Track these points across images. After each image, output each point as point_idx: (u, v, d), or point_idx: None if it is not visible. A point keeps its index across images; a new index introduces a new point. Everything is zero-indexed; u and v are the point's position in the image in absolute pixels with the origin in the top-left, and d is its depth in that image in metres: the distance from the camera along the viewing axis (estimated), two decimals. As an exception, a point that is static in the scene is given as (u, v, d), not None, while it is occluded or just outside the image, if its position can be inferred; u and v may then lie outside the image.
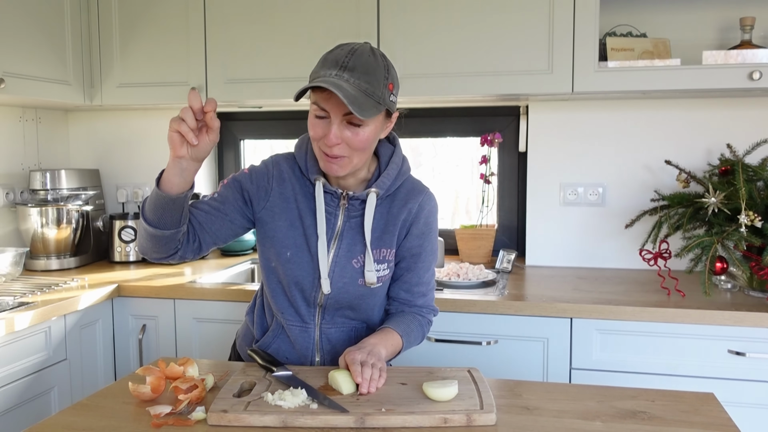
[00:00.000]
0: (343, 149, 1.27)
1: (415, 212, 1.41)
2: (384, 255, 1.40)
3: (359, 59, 1.24)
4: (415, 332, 1.44)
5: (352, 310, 1.43)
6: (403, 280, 1.45)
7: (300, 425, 1.11)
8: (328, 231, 1.38)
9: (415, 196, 1.42)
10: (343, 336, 1.44)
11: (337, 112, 1.24)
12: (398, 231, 1.40)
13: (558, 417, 1.16)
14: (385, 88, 1.26)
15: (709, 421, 1.14)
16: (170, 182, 1.27)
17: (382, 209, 1.40)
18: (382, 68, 1.27)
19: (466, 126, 2.71)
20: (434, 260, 1.48)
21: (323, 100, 1.24)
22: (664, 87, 2.05)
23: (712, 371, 1.83)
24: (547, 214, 2.50)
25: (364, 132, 1.26)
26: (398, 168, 1.40)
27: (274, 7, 2.32)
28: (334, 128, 1.25)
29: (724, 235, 1.89)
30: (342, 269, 1.38)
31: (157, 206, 1.29)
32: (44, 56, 2.30)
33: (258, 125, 2.92)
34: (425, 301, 1.48)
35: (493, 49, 2.16)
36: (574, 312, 1.89)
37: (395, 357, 1.42)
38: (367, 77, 1.23)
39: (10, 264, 2.21)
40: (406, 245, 1.42)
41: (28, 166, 2.65)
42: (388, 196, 1.40)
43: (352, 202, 1.38)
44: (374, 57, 1.26)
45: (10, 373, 1.80)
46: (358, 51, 1.25)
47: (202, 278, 2.32)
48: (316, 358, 1.45)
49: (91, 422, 1.15)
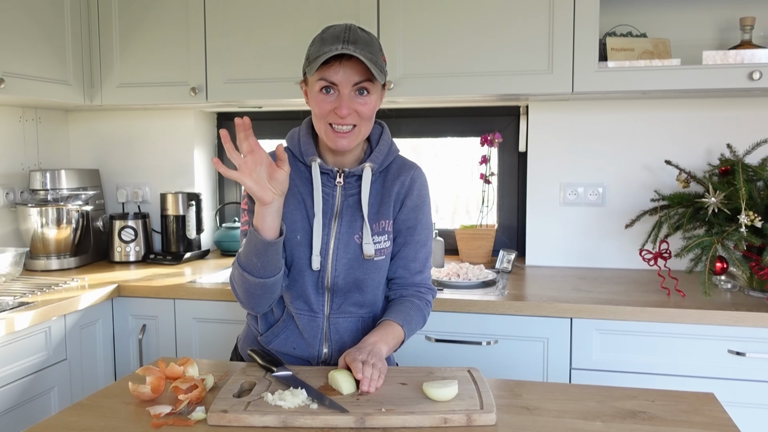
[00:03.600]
0: (354, 118, 1.34)
1: (408, 185, 1.46)
2: (383, 226, 1.44)
3: (356, 34, 1.31)
4: (416, 318, 1.45)
5: (359, 291, 1.44)
6: (400, 256, 1.48)
7: (300, 425, 1.11)
8: (327, 211, 1.42)
9: (406, 170, 1.48)
10: (351, 326, 1.45)
11: (347, 83, 1.31)
12: (393, 203, 1.45)
13: (558, 417, 1.16)
14: (381, 59, 1.36)
15: (709, 421, 1.14)
16: (271, 228, 1.30)
17: (377, 185, 1.45)
18: (376, 41, 1.36)
19: (466, 126, 2.71)
20: (429, 237, 1.51)
21: (332, 74, 1.31)
22: (664, 87, 2.05)
23: (712, 371, 1.83)
24: (547, 214, 2.50)
25: (371, 100, 1.35)
26: (389, 145, 1.47)
27: (274, 8, 2.32)
28: (345, 98, 1.32)
29: (724, 235, 1.89)
30: (345, 246, 1.41)
31: (260, 256, 1.30)
32: (44, 56, 2.30)
33: (258, 125, 2.91)
34: (422, 278, 1.50)
35: (493, 49, 2.16)
36: (574, 312, 1.89)
37: (400, 347, 1.43)
38: (369, 48, 1.31)
39: (10, 264, 2.21)
40: (401, 218, 1.46)
41: (28, 166, 2.65)
42: (381, 172, 1.46)
43: (348, 180, 1.43)
44: (366, 33, 1.35)
45: (10, 373, 1.80)
46: (352, 28, 1.33)
47: (202, 278, 2.32)
48: (324, 349, 1.45)
49: (91, 422, 1.15)
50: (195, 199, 2.73)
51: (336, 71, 1.30)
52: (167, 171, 2.84)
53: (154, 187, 2.86)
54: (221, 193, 3.01)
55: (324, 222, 1.41)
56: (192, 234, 2.72)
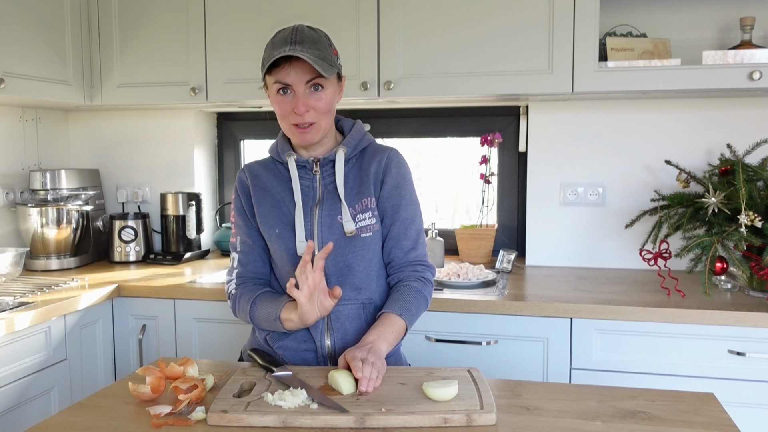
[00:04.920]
0: (312, 115, 1.40)
1: (384, 164, 1.50)
2: (366, 204, 1.47)
3: (302, 34, 1.38)
4: (416, 302, 1.45)
5: (351, 273, 1.45)
6: (390, 236, 1.50)
7: (300, 425, 1.11)
8: (309, 201, 1.47)
9: (382, 151, 1.52)
10: (352, 314, 1.46)
11: (299, 81, 1.38)
12: (372, 183, 1.48)
13: (558, 417, 1.16)
14: (331, 53, 1.42)
15: (709, 421, 1.14)
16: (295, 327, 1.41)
17: (354, 169, 1.50)
18: (324, 38, 1.42)
19: (466, 126, 2.71)
20: (417, 213, 1.53)
21: (284, 75, 1.38)
22: (664, 87, 2.05)
23: (712, 371, 1.83)
24: (547, 214, 2.50)
25: (325, 94, 1.41)
26: (361, 133, 1.52)
27: (274, 8, 2.32)
28: (300, 96, 1.38)
29: (724, 235, 1.89)
30: (329, 228, 1.45)
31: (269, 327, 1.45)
32: (44, 56, 2.30)
33: (258, 125, 2.92)
34: (416, 255, 1.51)
35: (493, 49, 2.16)
36: (574, 312, 1.89)
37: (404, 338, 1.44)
38: (315, 46, 1.38)
39: (10, 264, 2.21)
40: (384, 196, 1.49)
41: (28, 166, 2.65)
42: (356, 157, 1.51)
43: (324, 168, 1.48)
44: (314, 31, 1.41)
45: (10, 373, 1.80)
46: (299, 29, 1.39)
47: (202, 278, 2.32)
48: (327, 341, 1.45)
49: (91, 422, 1.15)
50: (195, 199, 2.73)
51: (287, 72, 1.37)
52: (167, 171, 2.84)
53: (154, 187, 2.86)
54: (221, 193, 3.01)
55: (306, 210, 1.46)
56: (192, 234, 2.72)
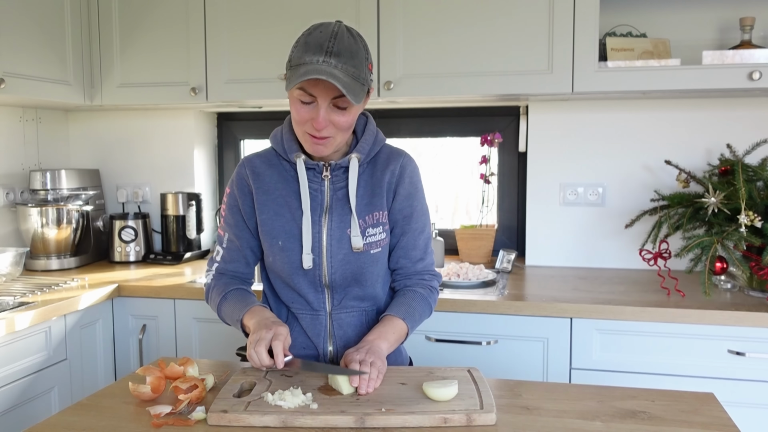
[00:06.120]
0: (330, 130, 1.31)
1: (398, 174, 1.43)
2: (377, 218, 1.41)
3: (342, 43, 1.26)
4: (419, 308, 1.43)
5: (359, 285, 1.42)
6: (400, 246, 1.46)
7: (300, 425, 1.11)
8: (317, 207, 1.39)
9: (395, 159, 1.45)
10: (354, 321, 1.44)
11: (325, 97, 1.27)
12: (385, 193, 1.42)
13: (558, 417, 1.16)
14: (367, 69, 1.31)
15: (709, 421, 1.14)
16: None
17: (366, 176, 1.42)
18: (362, 50, 1.31)
19: (466, 126, 2.71)
20: (427, 223, 1.50)
21: (311, 86, 1.27)
22: (664, 87, 2.05)
23: (712, 371, 1.83)
24: (547, 214, 2.50)
25: (350, 113, 1.31)
26: (374, 135, 1.44)
27: (274, 8, 2.32)
28: (322, 112, 1.28)
29: (724, 235, 1.89)
30: (338, 241, 1.39)
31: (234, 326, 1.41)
32: (44, 56, 2.30)
33: (258, 125, 2.92)
34: (424, 265, 1.48)
35: (493, 49, 2.16)
36: (574, 312, 1.89)
37: (404, 341, 1.42)
38: (353, 61, 1.27)
39: (10, 264, 2.21)
40: (396, 207, 1.44)
41: (28, 166, 2.65)
42: (368, 162, 1.43)
43: (335, 173, 1.40)
44: (354, 39, 1.30)
45: (10, 373, 1.80)
46: (339, 34, 1.27)
47: (202, 278, 2.32)
48: (329, 347, 1.44)
49: (91, 422, 1.15)
50: (195, 199, 2.73)
51: (315, 84, 1.26)
52: (167, 171, 2.84)
53: (154, 187, 2.86)
54: (221, 193, 3.01)
55: (314, 219, 1.39)
56: (192, 234, 2.72)
